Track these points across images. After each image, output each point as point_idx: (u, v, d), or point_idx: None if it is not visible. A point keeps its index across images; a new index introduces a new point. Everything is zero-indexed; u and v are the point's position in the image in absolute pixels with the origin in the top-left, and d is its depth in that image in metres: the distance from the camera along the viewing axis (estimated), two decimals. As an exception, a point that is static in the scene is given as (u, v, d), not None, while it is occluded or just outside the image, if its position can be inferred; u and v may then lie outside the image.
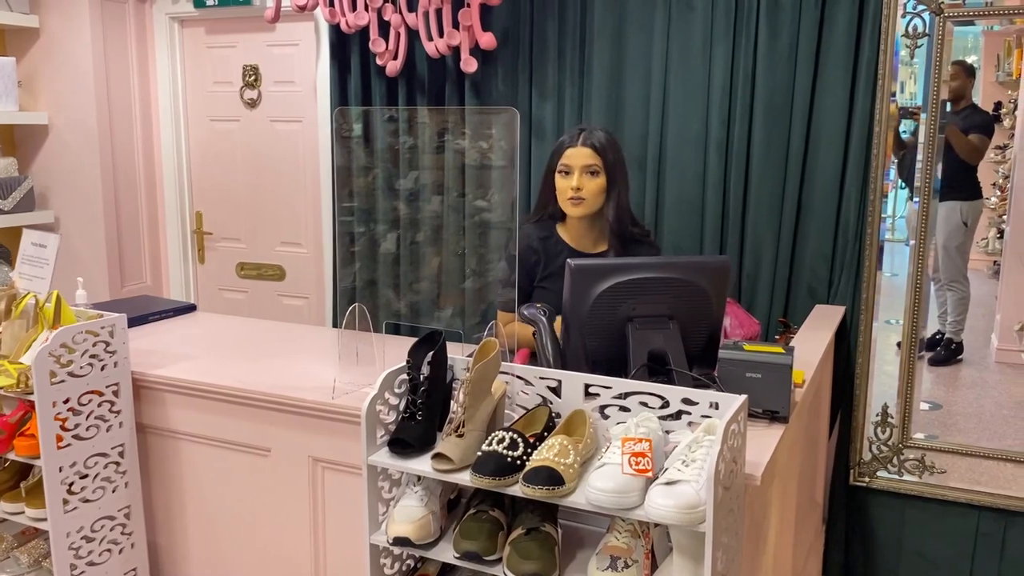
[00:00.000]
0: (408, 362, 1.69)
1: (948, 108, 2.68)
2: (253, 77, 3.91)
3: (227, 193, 4.06)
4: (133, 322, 2.65)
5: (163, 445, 2.32)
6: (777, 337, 2.83)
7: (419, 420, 1.65)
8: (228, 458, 2.23)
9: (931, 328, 2.89)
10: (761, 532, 1.84)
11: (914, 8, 2.58)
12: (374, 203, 3.47)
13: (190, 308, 2.91)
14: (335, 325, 3.56)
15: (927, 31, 2.58)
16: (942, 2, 2.54)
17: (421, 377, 1.68)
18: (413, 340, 1.75)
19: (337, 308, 3.60)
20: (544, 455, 1.50)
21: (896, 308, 2.75)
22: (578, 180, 2.24)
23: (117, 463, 2.23)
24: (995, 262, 2.95)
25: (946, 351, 2.97)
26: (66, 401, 2.10)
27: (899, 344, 2.76)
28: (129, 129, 4.00)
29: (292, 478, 2.14)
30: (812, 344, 2.40)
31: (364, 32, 3.32)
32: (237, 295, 4.13)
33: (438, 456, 1.57)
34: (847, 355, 2.83)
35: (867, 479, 2.83)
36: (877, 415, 2.80)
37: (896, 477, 2.80)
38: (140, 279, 4.11)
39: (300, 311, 3.98)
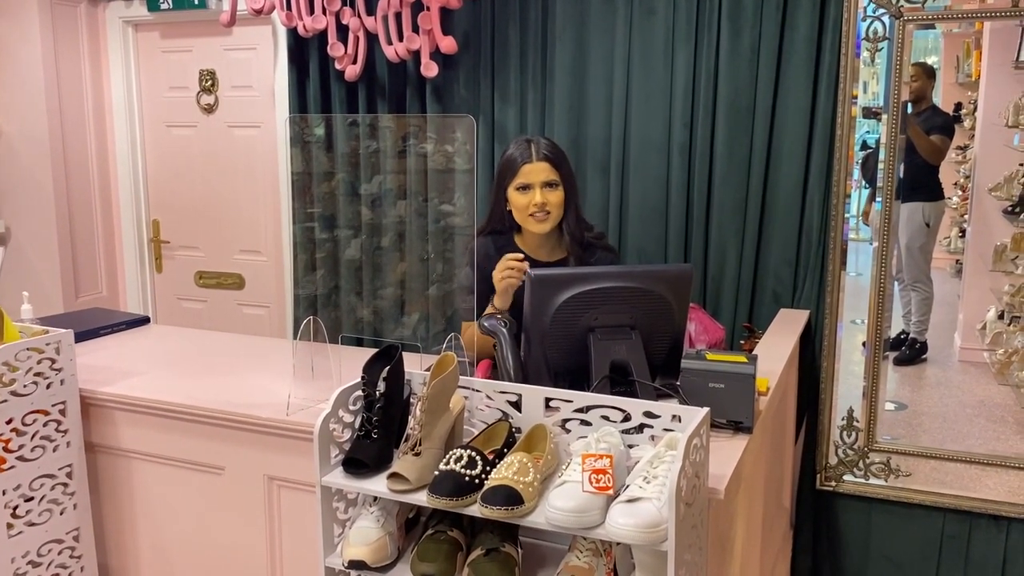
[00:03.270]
0: (363, 378, 1.64)
1: (909, 109, 2.69)
2: (210, 82, 3.83)
3: (184, 200, 3.97)
4: (83, 336, 2.58)
5: (114, 464, 2.25)
6: (742, 342, 2.82)
7: (374, 438, 1.60)
8: (181, 477, 2.16)
9: (896, 328, 2.90)
10: (727, 543, 1.81)
11: (874, 12, 2.58)
12: (335, 209, 3.41)
13: (143, 321, 2.83)
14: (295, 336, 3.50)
15: (887, 34, 2.57)
16: (901, 6, 2.54)
17: (377, 393, 1.62)
18: (373, 352, 1.70)
19: (295, 317, 3.54)
20: (503, 473, 1.45)
21: (862, 308, 2.74)
22: (541, 195, 2.19)
23: (65, 484, 2.15)
24: (958, 261, 2.98)
25: (911, 350, 2.99)
26: (9, 421, 2.02)
27: (865, 343, 2.76)
28: (83, 136, 3.90)
29: (247, 497, 2.07)
30: (777, 349, 2.39)
31: (323, 36, 3.26)
32: (196, 305, 4.04)
33: (394, 476, 1.52)
34: (812, 359, 2.82)
35: (834, 483, 2.83)
36: (843, 419, 2.79)
37: (862, 481, 2.80)
38: (96, 290, 4.00)
39: (261, 320, 3.90)
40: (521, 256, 2.13)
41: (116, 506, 2.29)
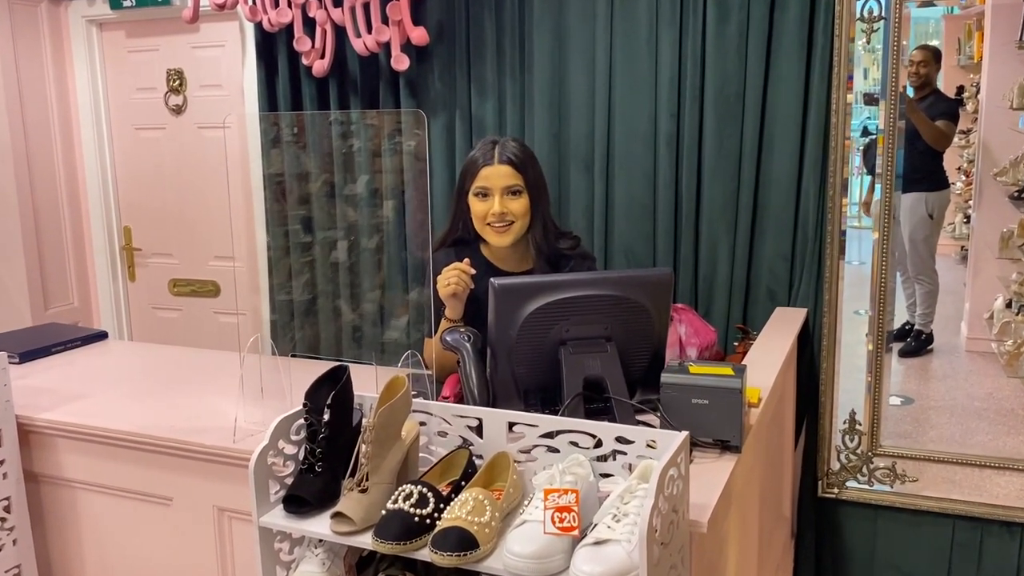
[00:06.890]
0: (305, 405, 1.48)
1: (911, 93, 2.55)
2: (178, 81, 3.68)
3: (156, 206, 3.83)
4: (34, 355, 2.45)
5: (57, 495, 2.09)
6: (736, 344, 2.67)
7: (318, 472, 1.44)
8: (128, 508, 2.01)
9: (900, 319, 2.76)
10: (716, 571, 1.66)
11: (869, -11, 2.42)
12: (309, 211, 3.27)
13: (100, 336, 2.67)
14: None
15: (883, 14, 2.41)
16: (898, -18, 2.38)
17: (321, 422, 1.47)
18: (347, 363, 1.55)
19: (272, 323, 3.40)
20: (456, 513, 1.30)
21: (864, 298, 2.60)
22: (500, 204, 2.02)
23: (3, 519, 2.00)
24: (963, 247, 2.86)
25: (916, 342, 2.87)
26: (-63, 454, 1.87)
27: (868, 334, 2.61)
28: (48, 141, 3.75)
29: (197, 529, 1.92)
30: (772, 352, 2.24)
31: (291, 31, 3.11)
32: (171, 314, 3.90)
33: (337, 516, 1.36)
34: (811, 359, 2.66)
35: (836, 490, 2.68)
36: (844, 422, 2.64)
37: (866, 487, 2.66)
38: (67, 300, 3.86)
39: (237, 328, 3.75)
40: (468, 262, 1.98)
41: (61, 539, 2.14)
